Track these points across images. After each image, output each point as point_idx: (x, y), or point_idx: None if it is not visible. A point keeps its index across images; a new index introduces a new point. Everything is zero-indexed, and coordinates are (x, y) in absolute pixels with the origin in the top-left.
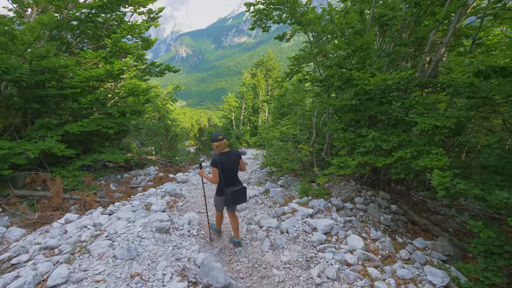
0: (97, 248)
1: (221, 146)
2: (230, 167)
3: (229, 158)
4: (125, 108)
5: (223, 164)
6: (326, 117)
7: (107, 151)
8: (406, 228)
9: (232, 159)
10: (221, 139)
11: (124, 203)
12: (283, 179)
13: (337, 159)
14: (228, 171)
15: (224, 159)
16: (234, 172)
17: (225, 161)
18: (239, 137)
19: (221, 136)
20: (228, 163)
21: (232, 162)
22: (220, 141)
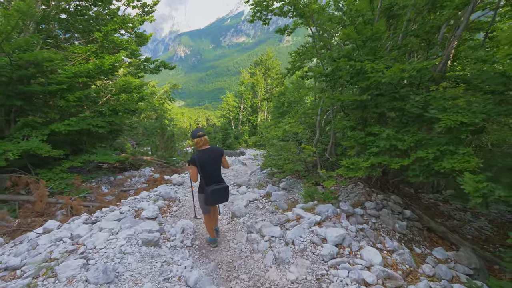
0: (67, 269)
1: (201, 143)
2: (210, 165)
3: (209, 155)
4: (116, 106)
5: (202, 162)
6: (330, 115)
7: (98, 152)
8: (422, 236)
9: (213, 156)
10: (201, 135)
11: (113, 209)
12: (285, 181)
13: (346, 160)
14: (208, 169)
15: (203, 156)
16: (215, 169)
17: (205, 159)
18: (237, 137)
19: (201, 132)
20: (208, 161)
21: (212, 159)
22: (200, 137)
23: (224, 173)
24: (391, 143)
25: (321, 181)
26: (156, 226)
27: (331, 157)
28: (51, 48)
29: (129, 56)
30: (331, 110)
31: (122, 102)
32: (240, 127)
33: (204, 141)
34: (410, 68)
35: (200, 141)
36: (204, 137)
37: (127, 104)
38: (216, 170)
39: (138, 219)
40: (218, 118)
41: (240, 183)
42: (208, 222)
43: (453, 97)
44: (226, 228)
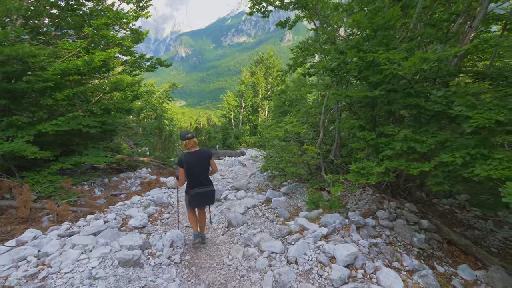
0: None
1: (190, 145)
2: (197, 167)
3: (197, 157)
4: (108, 105)
5: (189, 164)
6: (335, 112)
7: (90, 153)
8: (443, 251)
9: (201, 158)
10: (190, 137)
11: (98, 216)
12: (286, 186)
13: (356, 165)
14: (195, 171)
15: (191, 158)
16: (203, 172)
17: (192, 161)
18: (238, 137)
19: (191, 134)
20: (196, 163)
21: (200, 162)
22: (188, 139)
23: (223, 175)
24: (409, 145)
25: (326, 185)
26: (139, 241)
27: (336, 159)
28: (41, 44)
29: (124, 54)
30: (336, 108)
31: (115, 101)
32: (240, 127)
33: (193, 143)
34: (434, 57)
35: (189, 143)
36: (192, 140)
37: (120, 103)
38: (203, 172)
39: (124, 228)
40: (218, 117)
41: (238, 186)
42: (191, 217)
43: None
44: (221, 239)
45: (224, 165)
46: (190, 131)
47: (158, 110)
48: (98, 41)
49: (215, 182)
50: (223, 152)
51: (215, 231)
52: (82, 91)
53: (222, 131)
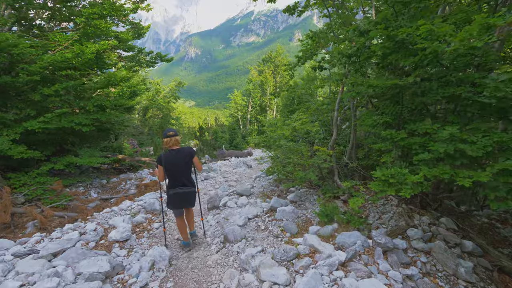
0: None
1: (171, 143)
2: (177, 166)
3: (177, 156)
4: (102, 101)
5: (168, 162)
6: (349, 109)
7: (84, 154)
8: (494, 282)
9: (182, 157)
10: (172, 135)
11: (78, 226)
12: (294, 192)
13: (383, 171)
14: (175, 170)
15: (170, 157)
16: (183, 171)
17: (172, 159)
18: (245, 137)
19: (172, 132)
20: (175, 161)
21: (180, 160)
22: (169, 137)
23: (226, 178)
24: (457, 146)
25: (341, 193)
26: (106, 266)
27: (351, 162)
28: (31, 37)
29: (122, 48)
30: (351, 105)
31: (111, 97)
32: (248, 127)
33: (174, 141)
34: (501, 23)
35: (170, 141)
36: (174, 137)
37: (115, 100)
38: (183, 172)
39: (104, 241)
40: (226, 117)
41: (241, 191)
42: (180, 225)
43: None
44: (214, 259)
45: (228, 166)
46: (172, 128)
47: (164, 109)
48: (91, 33)
49: (216, 185)
50: (229, 152)
51: (208, 247)
52: (73, 86)
53: (229, 131)
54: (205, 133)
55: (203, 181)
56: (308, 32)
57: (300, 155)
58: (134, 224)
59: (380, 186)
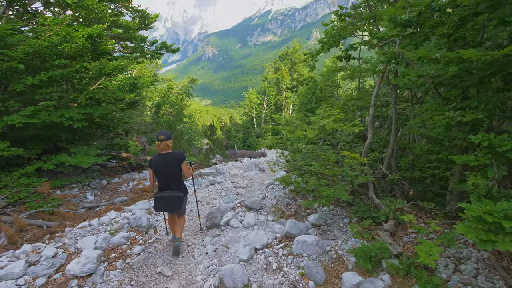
0: None
1: (161, 147)
2: (165, 170)
3: (165, 160)
4: (96, 94)
5: (157, 166)
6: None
7: (78, 152)
8: None
9: (169, 162)
10: (162, 139)
11: (37, 247)
12: (318, 213)
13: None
14: (163, 174)
15: (159, 160)
16: (171, 176)
17: (161, 163)
18: (259, 136)
19: (163, 136)
20: (164, 166)
21: (168, 165)
22: (160, 141)
23: (235, 182)
24: None
25: (382, 217)
26: None
27: (390, 172)
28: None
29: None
30: (393, 98)
31: (109, 90)
32: (262, 126)
33: (164, 145)
34: None
35: (160, 145)
36: (164, 142)
37: (113, 93)
38: (171, 176)
39: (59, 276)
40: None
41: (249, 204)
42: (170, 222)
43: None
44: None
45: (239, 168)
46: (165, 131)
47: (176, 107)
48: (85, 16)
49: (223, 192)
50: (242, 152)
51: None
52: (61, 75)
53: (243, 130)
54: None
55: (208, 186)
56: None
57: (323, 162)
58: (109, 247)
59: (482, 233)
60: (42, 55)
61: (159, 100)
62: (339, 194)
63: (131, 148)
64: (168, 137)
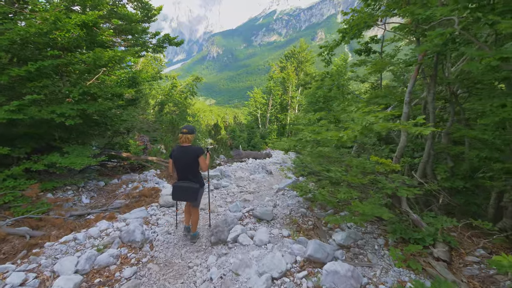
0: None
1: (182, 139)
2: (183, 162)
3: (183, 153)
4: (91, 88)
5: (175, 157)
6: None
7: (72, 151)
8: None
9: (186, 154)
10: (185, 132)
11: (5, 269)
12: (346, 232)
13: None
14: (181, 165)
15: (178, 153)
16: (188, 168)
17: (179, 155)
18: (264, 136)
19: (186, 129)
20: (182, 157)
21: (185, 157)
22: (182, 134)
23: (241, 186)
24: None
25: (428, 239)
26: None
27: (425, 179)
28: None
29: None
30: (430, 95)
31: (105, 85)
32: (267, 126)
33: (185, 138)
34: None
35: (181, 137)
36: (185, 135)
37: (109, 88)
38: (188, 168)
39: None
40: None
41: (260, 214)
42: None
43: None
44: None
45: (245, 170)
46: (189, 125)
47: (180, 105)
48: (81, 2)
49: (228, 198)
50: (247, 153)
51: None
52: (51, 66)
53: (247, 130)
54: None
55: (213, 191)
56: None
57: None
58: (94, 268)
59: None
60: (32, 44)
61: (163, 98)
62: (379, 212)
63: (131, 148)
64: (190, 131)
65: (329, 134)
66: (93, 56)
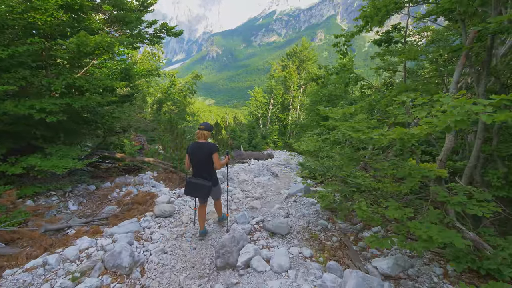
0: None
1: (198, 135)
2: (198, 158)
3: (198, 149)
4: (76, 81)
5: (191, 153)
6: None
7: (55, 153)
8: None
9: (201, 150)
10: (202, 128)
11: None
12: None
13: None
14: (196, 161)
15: (194, 148)
16: (202, 164)
17: (194, 151)
18: (265, 137)
19: (203, 126)
20: (197, 153)
21: (200, 153)
22: (199, 130)
23: (246, 191)
24: None
25: (507, 271)
26: None
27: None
28: None
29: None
30: (481, 86)
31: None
32: (268, 126)
33: (201, 134)
34: None
35: (198, 133)
36: (202, 131)
37: (100, 81)
38: (202, 164)
39: None
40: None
41: (273, 227)
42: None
43: None
44: None
45: (248, 172)
46: (207, 123)
47: (178, 104)
48: None
49: (233, 205)
50: (248, 153)
51: None
52: (27, 52)
53: (248, 130)
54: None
55: None
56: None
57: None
58: None
59: None
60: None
61: (161, 96)
62: (449, 237)
63: (126, 148)
64: (207, 128)
65: (377, 132)
66: (76, 40)
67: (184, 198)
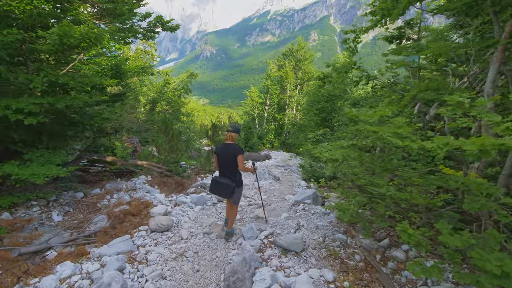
0: None
1: (226, 136)
2: (224, 158)
3: (226, 149)
4: (61, 77)
5: (218, 153)
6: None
7: (36, 158)
8: None
9: (227, 152)
10: (230, 130)
11: None
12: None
13: None
14: (222, 161)
15: (222, 149)
16: (227, 165)
17: (221, 152)
18: (261, 137)
19: (231, 128)
20: (223, 154)
21: (225, 154)
22: (227, 132)
23: (248, 197)
24: None
25: None
26: None
27: None
28: None
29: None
30: None
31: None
32: (264, 126)
33: (229, 136)
34: None
35: (227, 134)
36: (230, 133)
37: (86, 78)
38: (227, 165)
39: None
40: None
41: (286, 244)
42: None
43: None
44: None
45: (247, 177)
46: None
47: (173, 104)
48: None
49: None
50: (246, 155)
51: None
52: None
53: (244, 130)
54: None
55: (216, 204)
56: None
57: None
58: None
59: None
60: None
61: (155, 96)
62: None
63: (117, 151)
64: (234, 130)
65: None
66: (58, 31)
67: (182, 207)
